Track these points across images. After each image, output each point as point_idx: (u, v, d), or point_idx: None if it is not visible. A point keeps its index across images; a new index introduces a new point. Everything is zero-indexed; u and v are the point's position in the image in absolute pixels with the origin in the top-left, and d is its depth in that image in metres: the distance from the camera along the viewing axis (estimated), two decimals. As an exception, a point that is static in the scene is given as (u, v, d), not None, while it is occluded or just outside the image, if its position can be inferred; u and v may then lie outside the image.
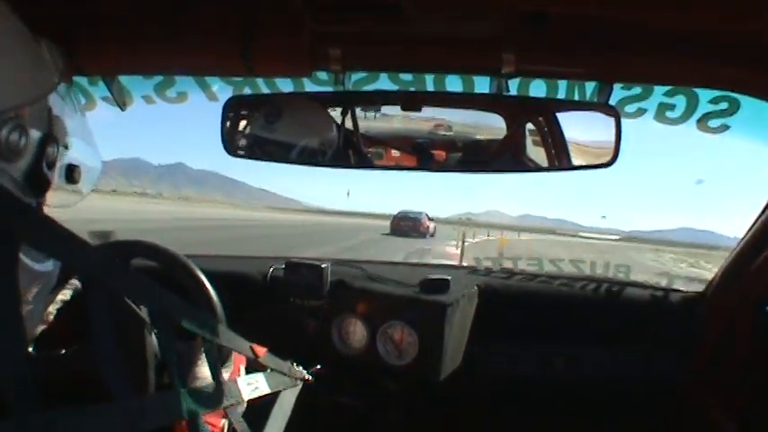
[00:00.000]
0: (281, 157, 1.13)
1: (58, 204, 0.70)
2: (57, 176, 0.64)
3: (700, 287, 1.68)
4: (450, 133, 1.13)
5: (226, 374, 1.09)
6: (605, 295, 1.75)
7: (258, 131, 1.16)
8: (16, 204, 0.47)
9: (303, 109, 1.16)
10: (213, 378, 0.88)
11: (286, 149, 1.12)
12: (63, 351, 1.06)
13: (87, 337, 0.59)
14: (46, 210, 0.68)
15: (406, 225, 24.11)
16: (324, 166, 1.15)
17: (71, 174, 0.68)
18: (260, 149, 1.15)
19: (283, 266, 1.74)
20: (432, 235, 24.53)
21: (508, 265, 1.96)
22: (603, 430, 1.76)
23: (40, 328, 0.96)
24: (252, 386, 0.97)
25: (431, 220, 26.55)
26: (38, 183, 0.60)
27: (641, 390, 1.67)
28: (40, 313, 0.82)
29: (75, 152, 0.69)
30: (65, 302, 1.07)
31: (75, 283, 1.08)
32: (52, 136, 0.62)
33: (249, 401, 0.94)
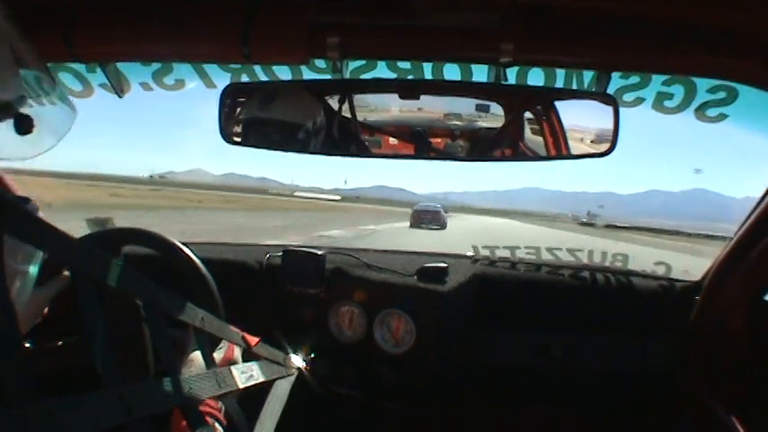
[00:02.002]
0: (278, 144, 1.13)
1: (7, 155, 0.69)
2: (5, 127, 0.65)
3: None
4: (450, 121, 1.13)
5: (219, 355, 1.10)
6: (603, 284, 1.75)
7: (256, 119, 1.16)
8: (3, 200, 0.47)
9: (301, 97, 1.15)
10: (207, 366, 0.88)
11: (283, 137, 1.12)
12: (59, 343, 1.07)
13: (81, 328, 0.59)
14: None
15: (427, 217, 26.07)
16: (321, 154, 1.15)
17: (24, 123, 0.67)
18: (257, 137, 1.15)
19: (280, 254, 1.74)
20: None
21: (506, 253, 1.96)
22: (601, 418, 1.78)
23: (31, 323, 0.96)
24: (246, 374, 0.98)
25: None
26: None
27: (638, 378, 1.69)
28: (23, 310, 0.83)
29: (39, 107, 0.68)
30: (57, 295, 1.08)
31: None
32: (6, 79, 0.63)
33: (245, 389, 0.95)
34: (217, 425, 0.90)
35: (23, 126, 0.68)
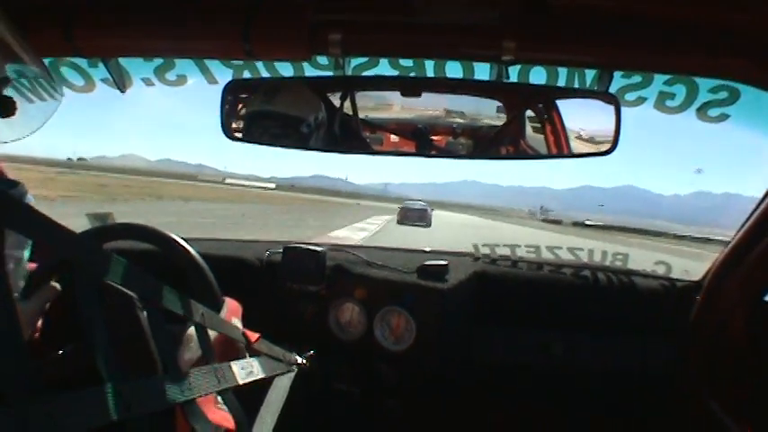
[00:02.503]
0: (279, 141, 1.13)
1: None
2: None
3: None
4: (451, 119, 1.13)
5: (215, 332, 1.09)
6: (603, 283, 1.75)
7: (257, 115, 1.16)
8: (2, 194, 0.47)
9: (302, 93, 1.15)
10: (207, 362, 0.88)
11: (285, 133, 1.12)
12: (60, 351, 1.07)
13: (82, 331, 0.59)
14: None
15: (414, 215, 26.84)
16: (322, 151, 1.15)
17: (6, 105, 0.68)
18: (258, 133, 1.15)
19: (280, 251, 1.75)
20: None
21: (506, 251, 1.96)
22: (600, 417, 1.78)
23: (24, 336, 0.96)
24: (246, 370, 0.98)
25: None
26: None
27: (638, 378, 1.69)
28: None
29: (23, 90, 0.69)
30: (47, 307, 1.08)
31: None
32: None
33: (244, 386, 0.95)
34: (219, 398, 0.89)
35: (6, 109, 0.69)
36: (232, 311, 1.20)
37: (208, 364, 0.87)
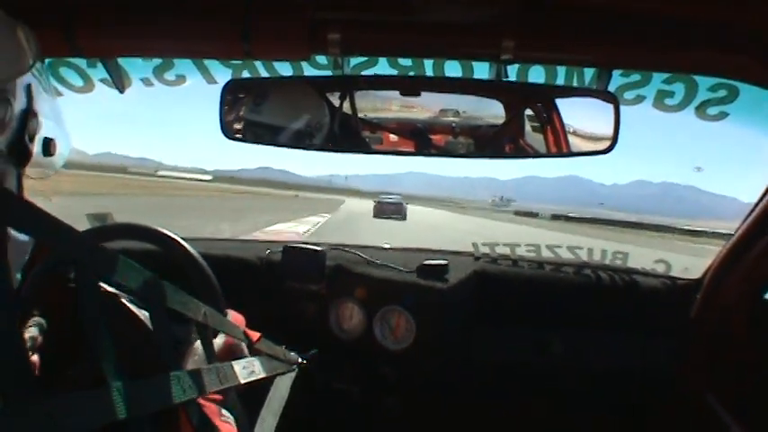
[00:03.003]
0: (278, 140, 1.13)
1: (36, 175, 0.74)
2: (35, 149, 0.70)
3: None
4: (450, 118, 1.13)
5: (221, 340, 1.09)
6: (603, 282, 1.76)
7: (257, 115, 1.16)
8: (3, 191, 0.47)
9: (302, 93, 1.16)
10: (208, 361, 0.88)
11: (284, 133, 1.12)
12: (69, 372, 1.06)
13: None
14: (24, 179, 0.73)
15: (388, 209, 28.62)
16: (322, 150, 1.15)
17: (48, 146, 0.73)
18: (258, 133, 1.15)
19: (280, 250, 1.75)
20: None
21: (506, 251, 1.97)
22: (600, 416, 1.78)
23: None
24: (248, 370, 0.98)
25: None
26: (20, 154, 0.66)
27: (638, 376, 1.69)
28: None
29: (49, 129, 0.74)
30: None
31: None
32: (32, 110, 0.67)
33: (245, 386, 0.95)
34: (224, 412, 0.89)
35: (48, 149, 0.74)
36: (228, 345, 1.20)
37: (209, 362, 0.87)
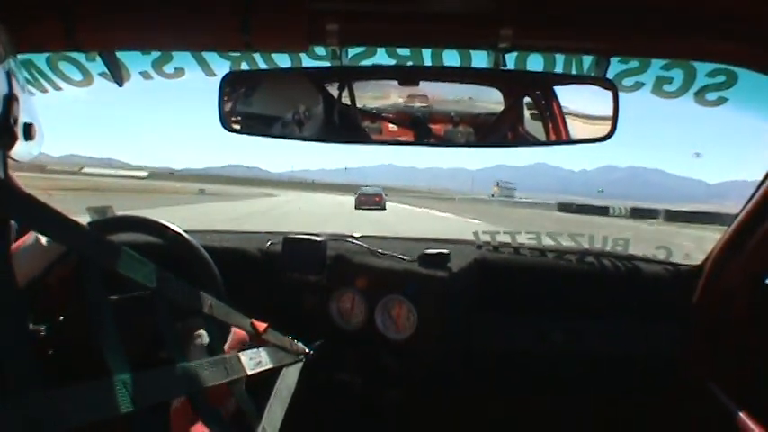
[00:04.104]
0: (277, 132, 1.13)
1: (19, 157, 0.78)
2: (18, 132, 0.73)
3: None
4: (449, 108, 1.13)
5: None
6: (604, 269, 1.76)
7: (255, 107, 1.16)
8: (7, 186, 0.48)
9: (301, 84, 1.16)
10: (215, 353, 0.89)
11: (283, 125, 1.12)
12: (60, 318, 1.08)
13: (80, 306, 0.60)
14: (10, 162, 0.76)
15: (368, 200, 29.85)
16: (321, 142, 1.16)
17: (29, 130, 0.75)
18: (257, 125, 1.15)
19: (281, 242, 1.75)
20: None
21: (507, 239, 1.97)
22: (603, 403, 1.79)
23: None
24: (255, 361, 0.98)
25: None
26: (6, 136, 0.69)
27: (640, 362, 1.70)
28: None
29: (27, 116, 0.77)
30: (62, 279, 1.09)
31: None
32: (14, 95, 0.71)
33: (252, 376, 0.96)
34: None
35: (29, 133, 0.77)
36: (238, 340, 1.20)
37: (215, 354, 0.88)
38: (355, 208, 27.73)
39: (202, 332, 1.06)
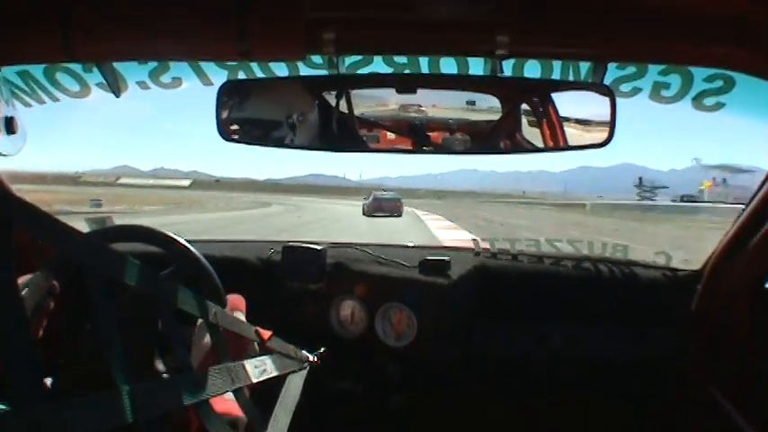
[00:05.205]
0: (275, 141, 1.13)
1: (6, 151, 0.77)
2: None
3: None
4: (447, 115, 1.13)
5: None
6: (603, 275, 1.76)
7: (253, 116, 1.16)
8: (11, 194, 0.48)
9: (298, 93, 1.16)
10: (220, 361, 0.88)
11: (280, 134, 1.12)
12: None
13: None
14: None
15: (384, 206, 26.45)
16: (318, 150, 1.16)
17: (10, 124, 0.75)
18: (254, 134, 1.15)
19: (280, 250, 1.75)
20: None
21: (506, 245, 1.97)
22: (602, 408, 1.78)
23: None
24: (260, 368, 0.98)
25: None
26: None
27: (640, 368, 1.69)
28: None
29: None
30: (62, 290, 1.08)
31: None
32: None
33: (257, 384, 0.95)
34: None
35: (11, 126, 0.75)
36: (235, 306, 1.21)
37: (221, 362, 0.87)
38: (364, 215, 25.43)
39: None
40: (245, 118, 1.17)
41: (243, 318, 1.18)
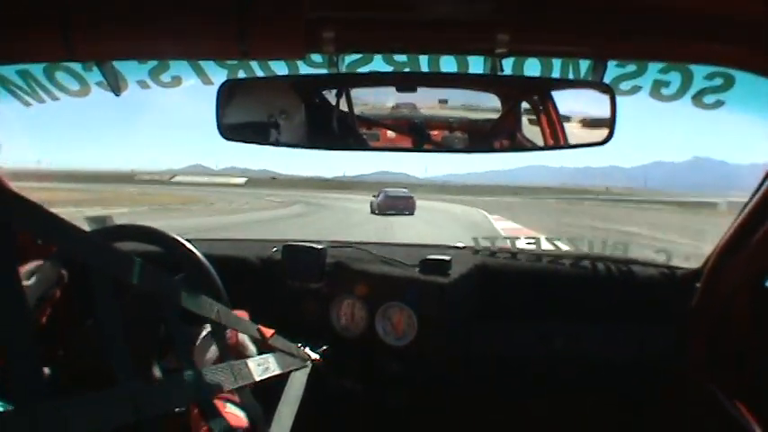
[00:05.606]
0: (275, 140, 1.13)
1: None
2: None
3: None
4: (447, 113, 1.13)
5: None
6: (603, 273, 1.76)
7: (253, 115, 1.16)
8: (11, 195, 0.48)
9: (298, 92, 1.16)
10: (223, 360, 0.89)
11: (280, 133, 1.12)
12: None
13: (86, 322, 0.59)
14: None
15: (395, 203, 24.79)
16: (319, 149, 1.16)
17: None
18: (255, 133, 1.15)
19: (281, 249, 1.75)
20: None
21: (506, 244, 1.98)
22: (602, 406, 1.79)
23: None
24: (263, 367, 0.98)
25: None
26: None
27: (639, 366, 1.69)
28: None
29: None
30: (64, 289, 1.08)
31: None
32: None
33: (261, 382, 0.95)
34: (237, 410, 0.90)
35: None
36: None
37: (224, 361, 0.88)
38: (372, 213, 23.98)
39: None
40: (245, 117, 1.17)
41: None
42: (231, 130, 1.15)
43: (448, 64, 1.18)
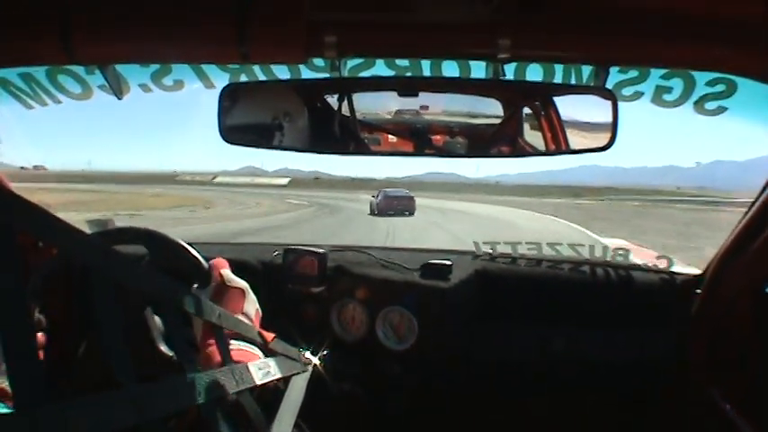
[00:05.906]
0: (277, 144, 1.13)
1: None
2: None
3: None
4: (449, 118, 1.13)
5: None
6: (604, 278, 1.76)
7: (255, 118, 1.16)
8: (12, 196, 0.47)
9: (300, 96, 1.16)
10: (224, 363, 0.89)
11: (282, 136, 1.12)
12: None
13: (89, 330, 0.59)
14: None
15: (396, 204, 24.49)
16: (320, 153, 1.16)
17: None
18: (257, 137, 1.15)
19: (282, 253, 1.75)
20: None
21: (507, 249, 1.98)
22: (603, 411, 1.78)
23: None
24: (264, 371, 0.98)
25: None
26: None
27: (640, 372, 1.69)
28: None
29: None
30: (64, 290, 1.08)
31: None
32: None
33: (262, 386, 0.95)
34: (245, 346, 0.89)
35: None
36: (218, 265, 1.24)
37: (225, 365, 0.87)
38: (375, 214, 23.35)
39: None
40: (246, 120, 1.17)
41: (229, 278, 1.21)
42: (233, 133, 1.15)
43: (450, 68, 1.18)
